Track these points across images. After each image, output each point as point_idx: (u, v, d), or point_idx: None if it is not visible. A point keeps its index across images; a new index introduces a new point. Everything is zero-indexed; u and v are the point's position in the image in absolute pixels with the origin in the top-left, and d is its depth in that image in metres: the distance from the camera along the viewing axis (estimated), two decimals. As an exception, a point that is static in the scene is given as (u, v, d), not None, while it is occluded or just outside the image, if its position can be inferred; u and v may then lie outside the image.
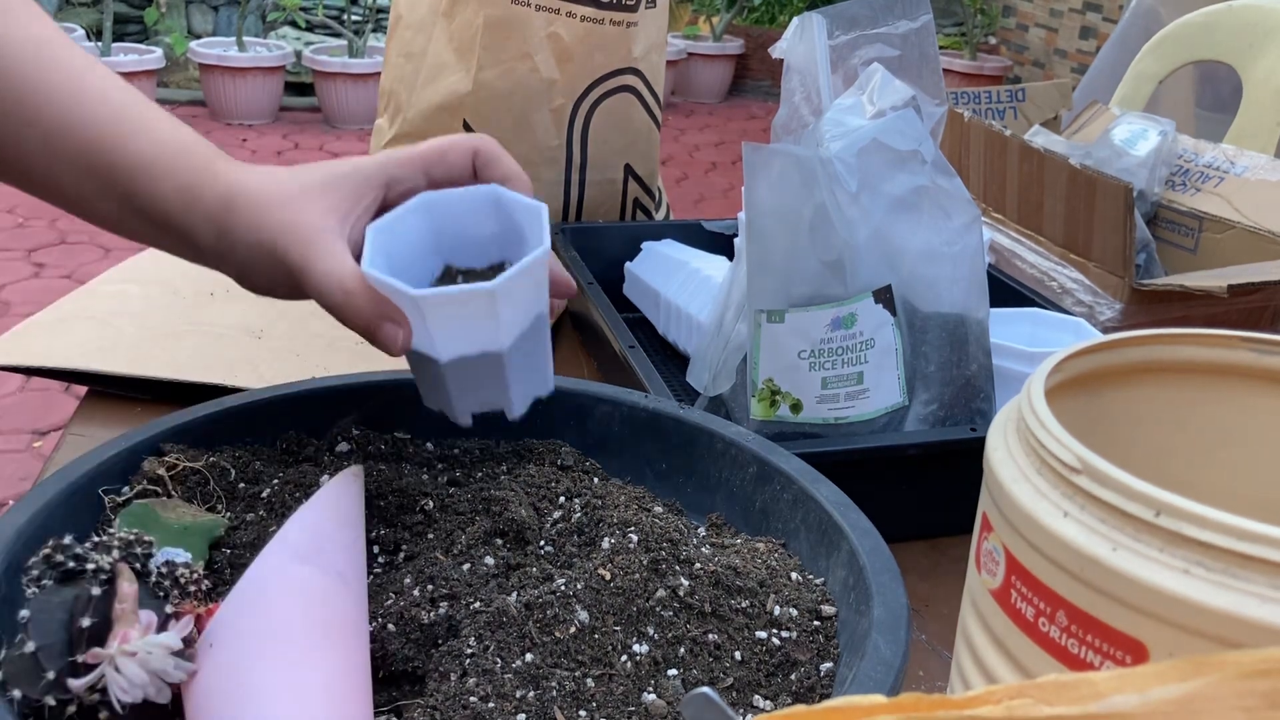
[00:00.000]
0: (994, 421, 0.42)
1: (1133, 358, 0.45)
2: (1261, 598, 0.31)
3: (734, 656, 0.48)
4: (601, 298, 0.89)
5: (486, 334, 0.52)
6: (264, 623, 0.43)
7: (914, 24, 0.77)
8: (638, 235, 1.05)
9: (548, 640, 0.47)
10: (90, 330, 0.88)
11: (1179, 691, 0.23)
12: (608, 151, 1.08)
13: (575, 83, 1.04)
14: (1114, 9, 4.41)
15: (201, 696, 0.41)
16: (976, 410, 0.73)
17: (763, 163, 0.70)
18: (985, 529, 0.40)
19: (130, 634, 0.41)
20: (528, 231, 0.54)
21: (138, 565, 0.44)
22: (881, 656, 0.44)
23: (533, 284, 0.53)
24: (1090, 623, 0.34)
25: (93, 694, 0.40)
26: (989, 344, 0.74)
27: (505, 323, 0.52)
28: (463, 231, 0.56)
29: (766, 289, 0.70)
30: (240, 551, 0.53)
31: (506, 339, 0.53)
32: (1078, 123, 1.38)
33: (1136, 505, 0.33)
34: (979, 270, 0.73)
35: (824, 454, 0.65)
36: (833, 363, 0.70)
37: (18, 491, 2.09)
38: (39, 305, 0.93)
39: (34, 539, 0.47)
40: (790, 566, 0.54)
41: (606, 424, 0.66)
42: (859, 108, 0.74)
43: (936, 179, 0.72)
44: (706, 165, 4.53)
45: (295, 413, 0.63)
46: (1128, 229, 1.00)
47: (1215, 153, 1.20)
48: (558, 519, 0.57)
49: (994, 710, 0.24)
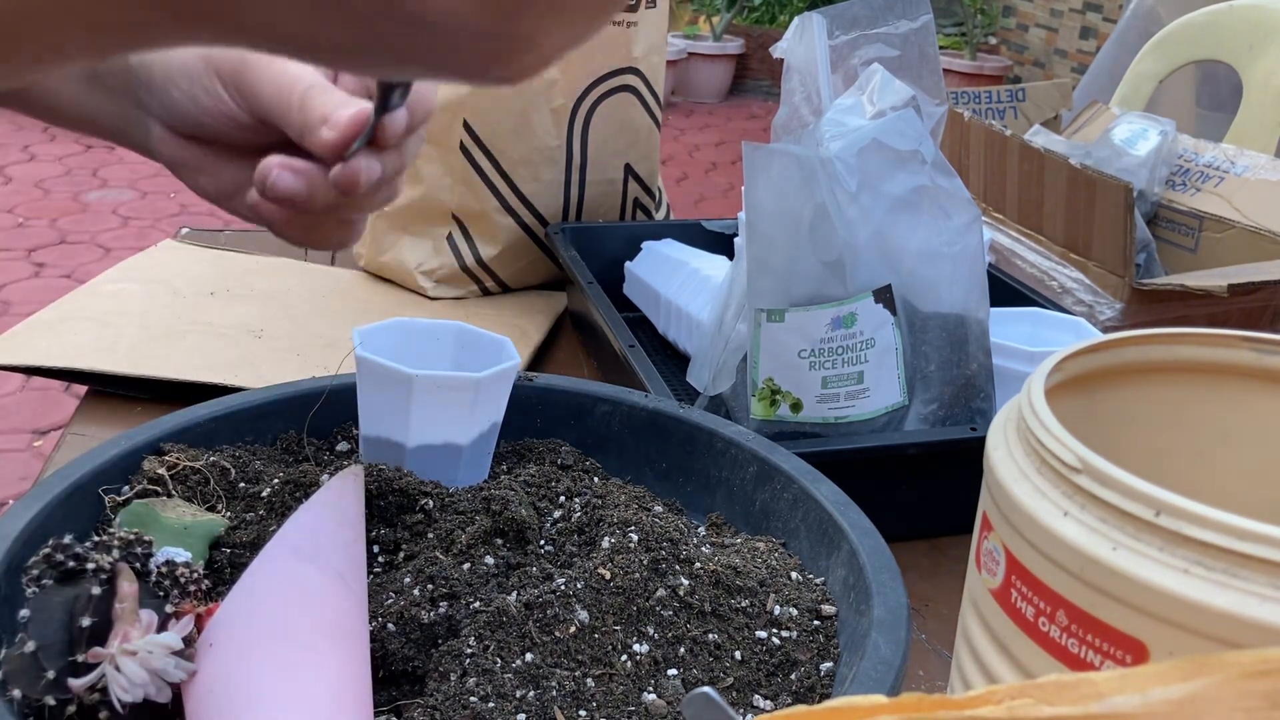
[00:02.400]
0: (994, 421, 0.42)
1: (1133, 357, 0.45)
2: (1262, 597, 0.31)
3: (734, 656, 0.48)
4: (601, 298, 0.89)
5: (459, 425, 0.58)
6: (264, 622, 0.43)
7: (914, 24, 0.77)
8: (638, 235, 1.05)
9: (548, 640, 0.47)
10: (90, 330, 0.88)
11: (1180, 692, 0.23)
12: (608, 151, 1.08)
13: (575, 83, 1.04)
14: (1114, 9, 4.41)
15: (201, 696, 0.41)
16: (977, 410, 0.73)
17: (763, 162, 0.70)
18: (985, 528, 0.40)
19: (130, 633, 0.41)
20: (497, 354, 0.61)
21: (138, 565, 0.44)
22: (881, 656, 0.44)
23: (503, 389, 0.60)
24: (1090, 622, 0.34)
25: (93, 693, 0.40)
26: (989, 343, 0.74)
27: (477, 417, 0.59)
28: (425, 351, 0.63)
29: (766, 289, 0.70)
30: (240, 551, 0.53)
31: (472, 434, 0.59)
32: (1078, 122, 1.38)
33: (1137, 505, 0.33)
34: (979, 270, 0.73)
35: (824, 453, 0.65)
36: (833, 362, 0.70)
37: (18, 491, 2.09)
38: (39, 305, 0.93)
39: (34, 539, 0.47)
40: (790, 566, 0.54)
41: (606, 424, 0.66)
42: (859, 108, 0.74)
43: (936, 179, 0.72)
44: (707, 165, 4.53)
45: (295, 413, 0.63)
46: (1128, 229, 1.00)
47: (1215, 152, 1.20)
48: (558, 518, 0.57)
49: (995, 710, 0.23)
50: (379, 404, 0.58)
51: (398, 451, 0.59)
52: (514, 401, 0.61)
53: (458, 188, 1.04)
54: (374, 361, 0.57)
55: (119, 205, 3.56)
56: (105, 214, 3.49)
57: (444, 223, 1.06)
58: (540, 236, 1.07)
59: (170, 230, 3.23)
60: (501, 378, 0.59)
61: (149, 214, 3.51)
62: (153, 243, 1.13)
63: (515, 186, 1.04)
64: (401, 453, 0.59)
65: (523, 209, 1.05)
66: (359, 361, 0.57)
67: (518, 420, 0.65)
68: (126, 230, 3.38)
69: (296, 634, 0.44)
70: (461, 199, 1.05)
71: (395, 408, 0.58)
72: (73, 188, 3.66)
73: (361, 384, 0.59)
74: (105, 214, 3.49)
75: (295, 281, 1.04)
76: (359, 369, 0.58)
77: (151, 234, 3.32)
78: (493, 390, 0.59)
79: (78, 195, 3.61)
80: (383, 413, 0.58)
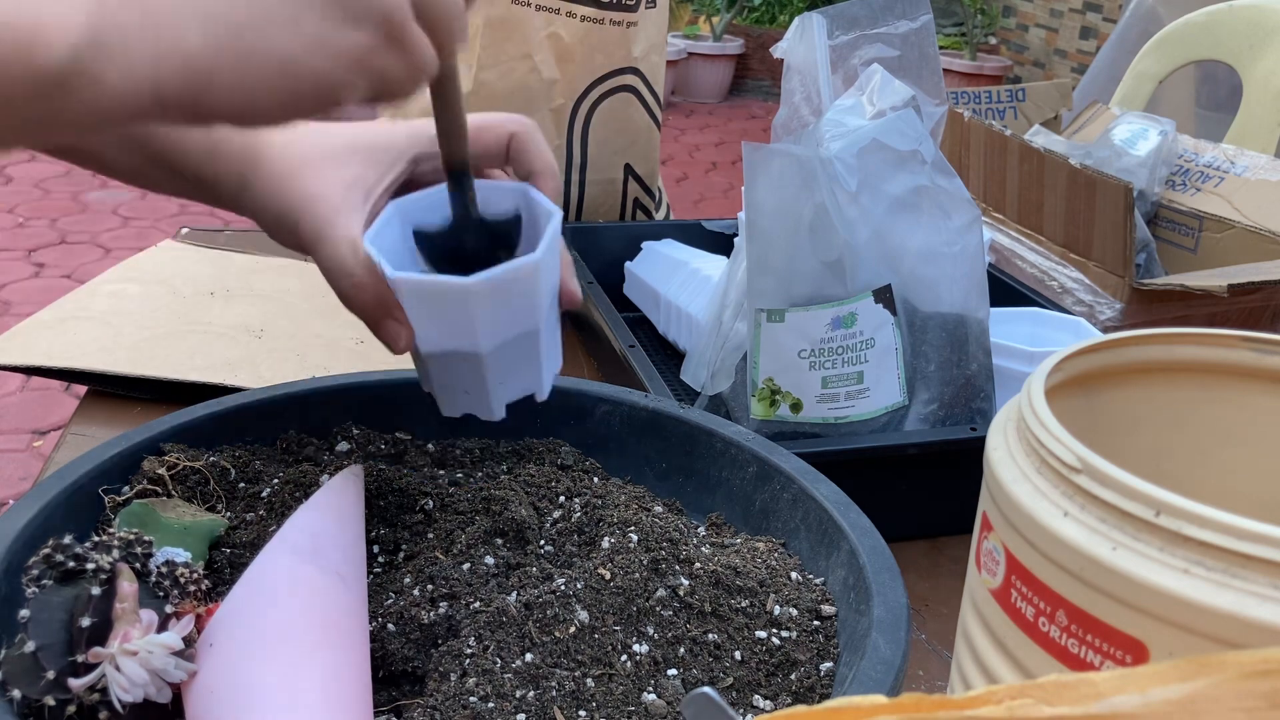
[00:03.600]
0: (994, 421, 0.42)
1: (1133, 357, 0.45)
2: (1262, 597, 0.31)
3: (734, 656, 0.48)
4: (601, 298, 0.89)
5: (463, 333, 0.50)
6: (264, 622, 0.43)
7: (914, 24, 0.77)
8: (638, 235, 1.05)
9: (547, 640, 0.47)
10: (90, 330, 0.88)
11: (1180, 692, 0.23)
12: (608, 151, 1.08)
13: (575, 83, 1.04)
14: (1114, 9, 4.41)
15: (201, 696, 0.41)
16: (976, 410, 0.73)
17: (763, 162, 0.70)
18: (985, 528, 0.40)
19: (131, 633, 0.41)
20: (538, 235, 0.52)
21: (138, 565, 0.44)
22: (881, 656, 0.44)
23: (520, 290, 0.49)
24: (1090, 622, 0.34)
25: (93, 694, 0.40)
26: (989, 343, 0.74)
27: (484, 325, 0.49)
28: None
29: (767, 288, 0.70)
30: (240, 551, 0.53)
31: (487, 343, 0.50)
32: (1078, 122, 1.38)
33: (1136, 505, 0.33)
34: (979, 270, 0.73)
35: (824, 453, 0.65)
36: (833, 362, 0.70)
37: (18, 491, 2.09)
38: (39, 305, 0.93)
39: (34, 539, 0.47)
40: (790, 566, 0.54)
41: (606, 424, 0.66)
42: (859, 108, 0.74)
43: (936, 179, 0.72)
44: (706, 165, 4.53)
45: (295, 413, 0.63)
46: (1128, 229, 1.00)
47: (1215, 152, 1.20)
48: (558, 518, 0.57)
49: (995, 710, 0.23)
50: (433, 318, 0.50)
51: (473, 363, 0.51)
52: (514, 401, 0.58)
53: (458, 188, 1.04)
54: (418, 281, 0.48)
55: (119, 205, 3.56)
56: (105, 214, 3.49)
57: (444, 223, 1.06)
58: (540, 236, 1.07)
59: (170, 230, 3.23)
60: (507, 279, 0.48)
61: (149, 214, 3.51)
62: (153, 243, 1.13)
63: (515, 186, 1.04)
64: (479, 362, 0.51)
65: (523, 209, 1.05)
66: (395, 285, 0.49)
67: (518, 420, 0.65)
68: (126, 230, 3.38)
69: (296, 634, 0.44)
70: (461, 199, 1.05)
71: (455, 317, 0.49)
72: (73, 188, 3.66)
73: (407, 304, 0.50)
74: (105, 214, 3.49)
75: (295, 281, 1.04)
76: (399, 292, 0.49)
77: (151, 234, 3.32)
78: (499, 294, 0.49)
79: (78, 195, 3.61)
80: (440, 326, 0.50)
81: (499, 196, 0.54)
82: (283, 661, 0.43)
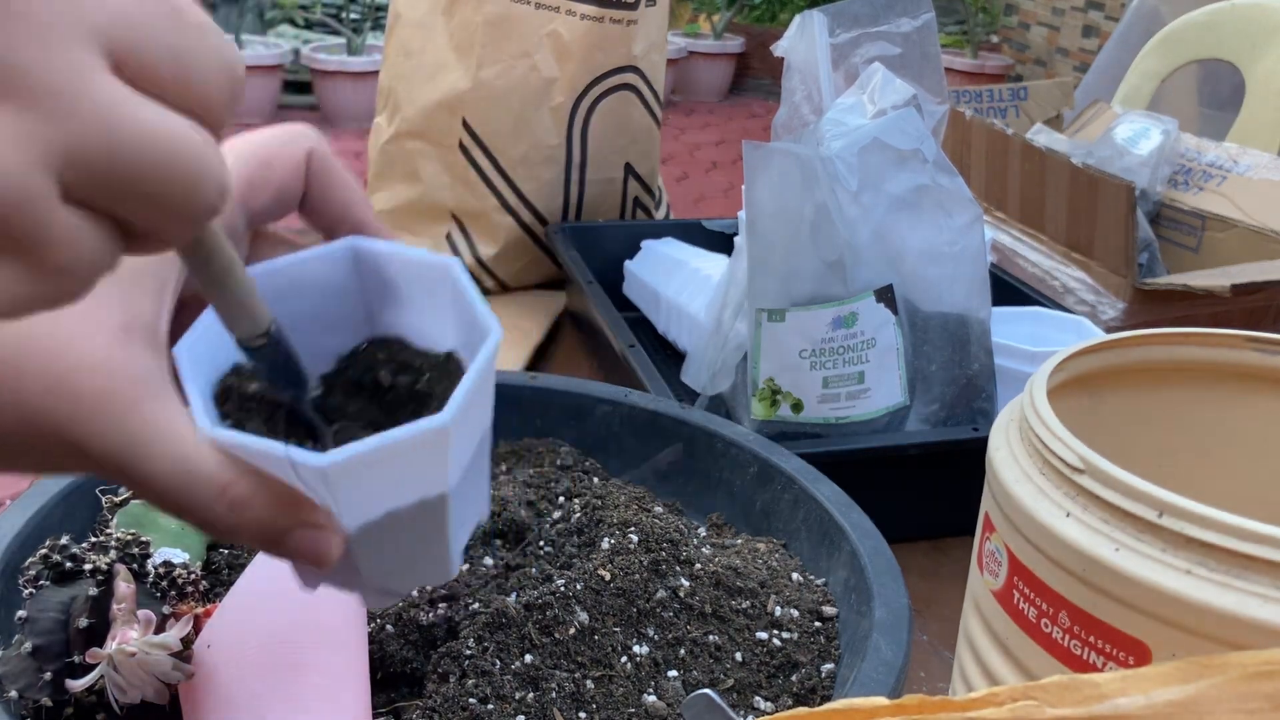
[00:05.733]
0: (996, 421, 0.42)
1: (1135, 357, 0.45)
2: (1264, 598, 0.30)
3: (735, 657, 0.48)
4: (601, 297, 0.88)
5: (430, 477, 0.33)
6: (262, 624, 0.43)
7: (915, 22, 0.77)
8: (638, 234, 1.04)
9: (547, 641, 0.47)
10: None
11: (1182, 693, 0.22)
12: (608, 150, 1.08)
13: (575, 81, 1.03)
14: (1116, 7, 4.41)
15: (200, 698, 0.41)
16: (978, 410, 0.73)
17: (763, 162, 0.70)
18: (987, 529, 0.40)
19: (128, 634, 0.41)
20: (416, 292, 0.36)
21: (135, 565, 0.44)
22: (883, 657, 0.44)
23: (486, 392, 0.35)
24: (1093, 623, 0.34)
25: (90, 695, 0.40)
26: (991, 343, 0.74)
27: (454, 457, 0.33)
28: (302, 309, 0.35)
29: (767, 288, 0.70)
30: (238, 551, 0.53)
31: (455, 475, 0.34)
32: (1080, 121, 1.38)
33: (1139, 505, 0.33)
34: (981, 269, 0.73)
35: (825, 454, 0.65)
36: (834, 362, 0.70)
37: (16, 491, 2.09)
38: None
39: (31, 539, 0.47)
40: (791, 567, 0.54)
41: (606, 424, 0.66)
42: (860, 107, 0.74)
43: (938, 178, 0.71)
44: (707, 164, 4.53)
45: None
46: (1130, 228, 1.00)
47: (1218, 151, 1.19)
48: (557, 519, 0.57)
49: (998, 712, 0.23)
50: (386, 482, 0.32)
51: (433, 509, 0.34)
52: (514, 402, 0.55)
53: (457, 187, 1.04)
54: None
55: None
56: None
57: (443, 222, 1.06)
58: (540, 236, 1.07)
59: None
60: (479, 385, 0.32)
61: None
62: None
63: (515, 185, 1.04)
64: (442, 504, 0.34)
65: (522, 208, 1.05)
66: (338, 469, 0.30)
67: (518, 420, 0.65)
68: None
69: (295, 635, 0.44)
70: (461, 198, 1.04)
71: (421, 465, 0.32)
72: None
73: (345, 488, 0.31)
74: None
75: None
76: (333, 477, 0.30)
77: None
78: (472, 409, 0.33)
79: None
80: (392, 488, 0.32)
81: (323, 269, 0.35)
82: (281, 663, 0.43)
